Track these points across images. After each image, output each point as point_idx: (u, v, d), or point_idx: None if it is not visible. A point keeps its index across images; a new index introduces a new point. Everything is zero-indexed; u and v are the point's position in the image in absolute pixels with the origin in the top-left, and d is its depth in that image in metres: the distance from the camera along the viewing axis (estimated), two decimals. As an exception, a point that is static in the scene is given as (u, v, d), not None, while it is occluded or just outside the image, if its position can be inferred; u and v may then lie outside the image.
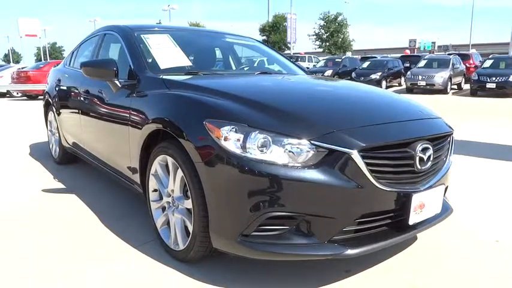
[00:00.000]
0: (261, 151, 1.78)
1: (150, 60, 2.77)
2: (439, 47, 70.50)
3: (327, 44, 35.72)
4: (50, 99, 4.30)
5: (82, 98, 3.31)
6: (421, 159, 1.95)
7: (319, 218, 1.79)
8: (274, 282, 2.03)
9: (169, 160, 2.15)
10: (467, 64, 20.04)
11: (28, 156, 4.92)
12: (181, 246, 2.14)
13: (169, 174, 2.23)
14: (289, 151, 1.77)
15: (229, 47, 3.63)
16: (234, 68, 3.54)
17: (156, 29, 3.31)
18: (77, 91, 3.50)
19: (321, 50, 36.92)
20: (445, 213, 2.23)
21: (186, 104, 2.09)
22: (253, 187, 1.76)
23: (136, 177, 2.56)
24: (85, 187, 3.59)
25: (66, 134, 3.96)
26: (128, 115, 2.54)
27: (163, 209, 2.34)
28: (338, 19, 35.30)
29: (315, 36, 36.71)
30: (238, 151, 1.79)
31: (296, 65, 3.74)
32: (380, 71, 18.81)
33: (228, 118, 1.86)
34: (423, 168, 1.98)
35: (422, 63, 18.13)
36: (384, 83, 18.73)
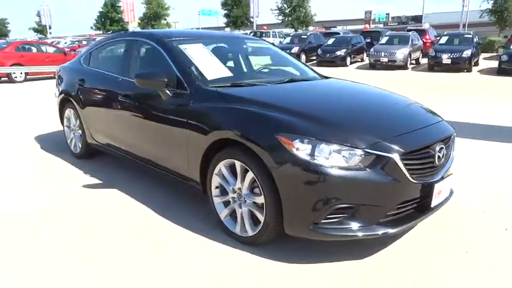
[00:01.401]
0: (326, 158, 2.28)
1: (196, 72, 3.14)
2: (393, 18, 72.68)
3: (290, 18, 36.07)
4: (70, 98, 4.51)
5: (122, 101, 3.60)
6: (438, 156, 2.55)
7: (370, 206, 2.34)
8: (326, 254, 2.57)
9: (238, 163, 2.60)
10: (423, 39, 21.20)
11: (44, 151, 5.11)
12: (251, 233, 2.64)
13: (233, 174, 2.69)
14: (347, 157, 2.29)
15: (250, 51, 4.03)
16: (253, 69, 3.95)
17: (188, 37, 3.63)
18: (112, 93, 3.77)
19: (284, 24, 37.29)
20: (451, 195, 2.86)
21: (257, 120, 2.53)
22: (321, 186, 2.28)
23: (195, 176, 2.98)
24: (121, 181, 3.93)
25: (94, 132, 4.24)
26: (186, 123, 2.92)
27: (227, 202, 2.81)
28: (300, -8, 35.67)
29: (277, 11, 36.92)
30: (307, 158, 2.29)
31: (307, 66, 4.19)
32: (344, 47, 19.56)
33: (298, 132, 2.35)
34: (439, 163, 2.58)
35: (384, 40, 19.05)
36: (348, 59, 19.54)
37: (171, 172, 3.27)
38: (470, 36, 17.34)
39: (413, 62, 18.76)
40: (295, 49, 20.41)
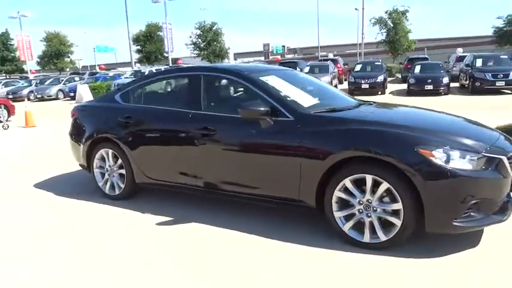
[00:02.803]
0: (458, 163, 2.77)
1: (293, 100, 3.44)
2: (289, 50, 78.66)
3: (205, 52, 36.99)
4: (109, 138, 4.35)
5: (198, 135, 3.67)
6: None
7: (489, 199, 2.86)
8: (438, 247, 3.01)
9: (369, 177, 2.94)
10: (336, 67, 23.58)
11: (70, 198, 4.74)
12: (384, 238, 2.96)
13: (358, 188, 3.01)
14: (473, 161, 2.80)
15: (305, 79, 4.42)
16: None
17: (258, 71, 3.90)
18: (182, 129, 3.81)
19: (200, 58, 38.15)
20: None
21: (390, 137, 2.92)
22: (459, 186, 2.74)
23: (307, 196, 3.21)
24: (191, 214, 3.91)
25: (149, 170, 4.13)
26: (297, 147, 3.18)
27: (349, 215, 3.10)
28: (213, 28, 36.94)
29: (192, 45, 37.65)
30: (444, 164, 2.74)
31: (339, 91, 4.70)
32: (271, 77, 20.74)
33: (432, 144, 2.80)
34: None
35: (306, 69, 20.71)
36: (275, 89, 20.74)
37: (270, 198, 3.43)
38: (380, 63, 19.83)
39: (333, 88, 20.65)
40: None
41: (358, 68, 19.97)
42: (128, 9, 25.67)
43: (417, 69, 18.38)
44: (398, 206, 2.87)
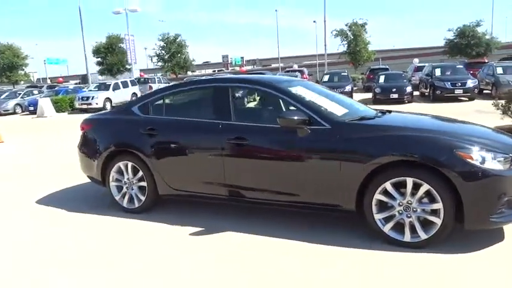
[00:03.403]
0: (492, 163, 3.04)
1: (327, 109, 3.61)
2: (247, 61, 79.69)
3: (169, 64, 36.65)
4: (130, 150, 4.30)
5: (232, 145, 3.75)
6: None
7: (517, 196, 3.15)
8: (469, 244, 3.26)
9: (409, 180, 3.14)
10: (303, 78, 24.28)
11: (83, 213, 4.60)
12: (424, 237, 3.16)
13: (398, 190, 3.21)
14: (503, 161, 3.08)
15: (323, 91, 4.60)
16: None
17: (284, 82, 4.04)
18: (212, 139, 3.87)
19: (165, 70, 37.87)
20: None
21: (430, 142, 3.14)
22: (495, 185, 3.01)
23: (346, 201, 3.37)
24: (221, 223, 3.95)
25: (174, 181, 4.13)
26: (336, 154, 3.34)
27: (389, 217, 3.28)
28: (177, 40, 36.69)
29: (156, 57, 37.18)
30: (480, 165, 3.00)
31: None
32: (241, 88, 20.98)
33: (471, 148, 3.06)
34: None
35: (276, 80, 21.17)
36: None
37: (308, 204, 3.56)
38: (346, 74, 20.63)
39: (302, 98, 21.21)
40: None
41: (326, 78, 20.67)
42: (85, 20, 24.97)
43: (382, 79, 19.27)
44: (438, 205, 3.09)
